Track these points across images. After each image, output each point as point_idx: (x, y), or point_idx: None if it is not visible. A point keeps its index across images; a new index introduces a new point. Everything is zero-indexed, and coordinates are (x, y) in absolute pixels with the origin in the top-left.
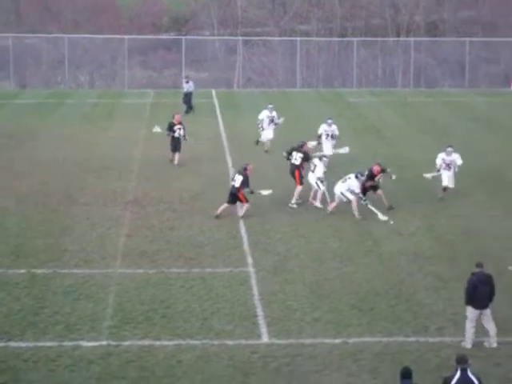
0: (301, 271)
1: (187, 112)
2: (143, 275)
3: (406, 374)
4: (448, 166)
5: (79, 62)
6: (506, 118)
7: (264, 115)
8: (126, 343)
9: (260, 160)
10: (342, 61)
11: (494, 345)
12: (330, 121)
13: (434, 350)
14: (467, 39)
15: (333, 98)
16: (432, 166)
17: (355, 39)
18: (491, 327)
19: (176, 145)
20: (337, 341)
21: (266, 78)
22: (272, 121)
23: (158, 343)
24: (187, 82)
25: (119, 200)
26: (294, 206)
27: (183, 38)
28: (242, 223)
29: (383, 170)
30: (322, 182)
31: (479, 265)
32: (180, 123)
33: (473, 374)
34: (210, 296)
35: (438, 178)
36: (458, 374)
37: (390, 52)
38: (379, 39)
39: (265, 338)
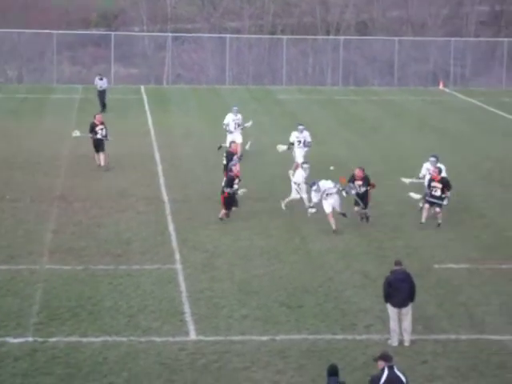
0: (229, 268)
1: (102, 110)
2: (70, 272)
3: (333, 372)
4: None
5: (7, 57)
6: (434, 115)
7: (229, 119)
8: (53, 340)
9: (188, 157)
10: (272, 58)
11: (407, 343)
12: (300, 127)
13: (362, 348)
14: (396, 38)
15: (262, 95)
16: (357, 163)
17: (285, 37)
18: (407, 324)
19: (99, 145)
20: (265, 338)
21: (195, 75)
22: (238, 124)
23: (84, 340)
24: (101, 79)
25: (46, 196)
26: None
27: (112, 33)
28: (170, 220)
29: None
30: (299, 187)
31: (398, 263)
32: (102, 123)
33: (399, 371)
34: (138, 293)
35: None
36: (386, 371)
37: (320, 50)
38: (309, 37)
39: (192, 335)
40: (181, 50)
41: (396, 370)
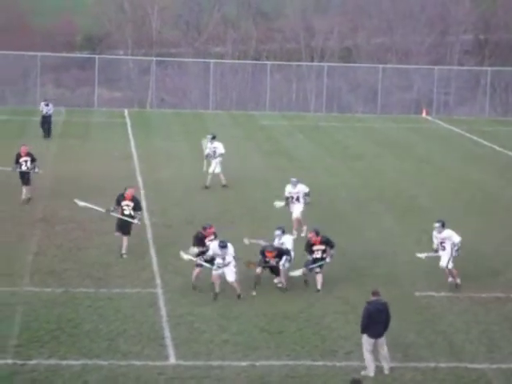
0: (209, 293)
1: (46, 136)
2: (50, 294)
3: None
4: (442, 246)
5: None
6: (416, 143)
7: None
8: (32, 362)
9: (170, 181)
10: (255, 84)
11: (387, 371)
12: (293, 180)
13: (341, 375)
14: (380, 66)
15: (245, 120)
16: (340, 190)
17: (269, 63)
18: (384, 353)
19: (24, 178)
20: (244, 363)
21: (179, 99)
22: (215, 152)
23: (64, 363)
24: (47, 105)
25: (28, 218)
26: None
27: (96, 56)
28: (151, 244)
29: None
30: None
31: (375, 293)
32: (27, 154)
33: None
34: (118, 316)
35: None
36: None
37: (304, 76)
38: (293, 63)
39: (172, 360)
40: (165, 75)
41: None
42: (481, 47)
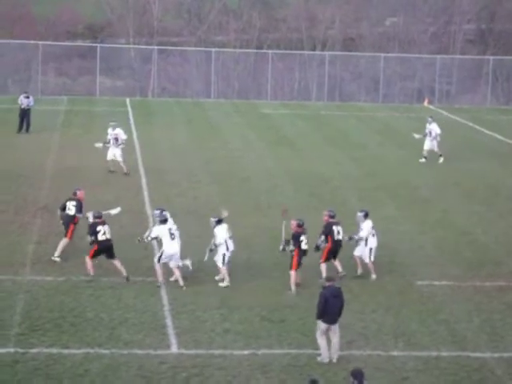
0: (211, 282)
1: (21, 130)
2: (52, 283)
3: None
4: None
5: None
6: (418, 132)
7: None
8: (34, 351)
9: (172, 170)
10: (257, 73)
11: (335, 360)
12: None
13: (343, 363)
14: (382, 54)
15: (247, 109)
16: (341, 179)
17: (270, 51)
18: (336, 341)
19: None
20: (246, 352)
21: (180, 88)
22: (116, 140)
23: (66, 351)
24: (27, 97)
25: (30, 207)
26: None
27: (98, 45)
28: None
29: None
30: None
31: (330, 279)
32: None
33: None
34: (119, 306)
35: None
36: None
37: (306, 65)
38: (295, 52)
39: (174, 349)
40: (166, 63)
41: None
42: (484, 36)
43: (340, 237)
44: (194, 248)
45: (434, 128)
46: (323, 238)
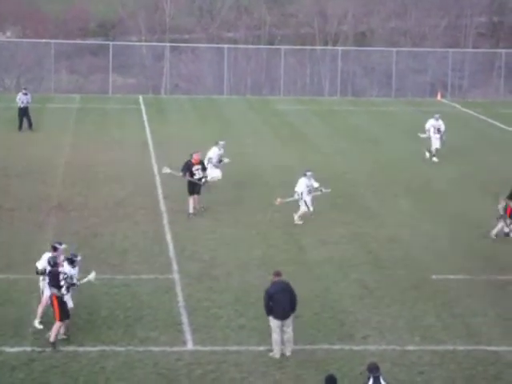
0: (226, 279)
1: (21, 128)
2: None
3: (331, 382)
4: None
5: (5, 66)
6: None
7: (214, 153)
8: (50, 349)
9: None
10: (270, 68)
11: (288, 353)
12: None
13: (359, 358)
14: (394, 49)
15: (260, 105)
16: (354, 174)
17: (283, 47)
18: (288, 336)
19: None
20: (261, 348)
21: (193, 85)
22: (221, 160)
23: (81, 349)
24: (26, 94)
25: (44, 205)
26: None
27: (110, 43)
28: (167, 230)
29: None
30: (300, 196)
31: (277, 273)
32: (199, 163)
33: (384, 380)
34: (134, 303)
35: None
36: (371, 381)
37: (318, 60)
38: (307, 47)
39: (190, 345)
40: (178, 60)
41: (381, 380)
42: (495, 30)
43: None
44: (207, 243)
45: (441, 125)
46: None
